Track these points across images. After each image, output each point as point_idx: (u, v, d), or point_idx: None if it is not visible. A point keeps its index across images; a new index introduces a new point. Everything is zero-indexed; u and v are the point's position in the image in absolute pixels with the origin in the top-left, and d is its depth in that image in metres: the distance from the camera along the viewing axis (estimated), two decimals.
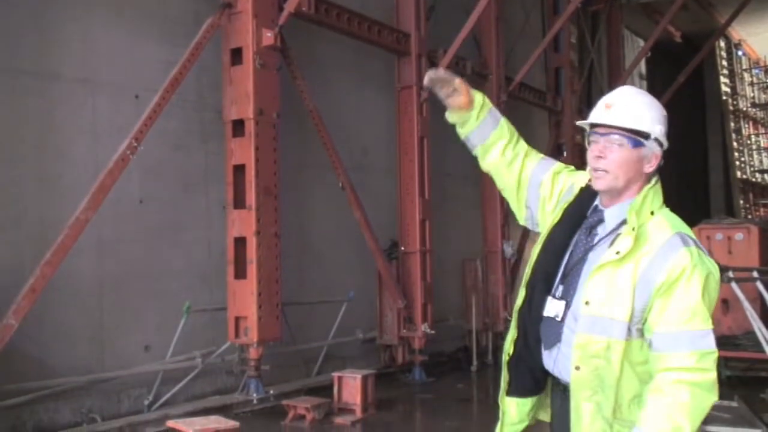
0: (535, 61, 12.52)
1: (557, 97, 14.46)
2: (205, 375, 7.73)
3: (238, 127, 7.74)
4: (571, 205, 2.57)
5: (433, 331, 9.78)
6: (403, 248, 9.93)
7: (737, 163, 24.43)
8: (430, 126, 10.09)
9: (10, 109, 6.39)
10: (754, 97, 26.53)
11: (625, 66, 17.11)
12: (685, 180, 22.02)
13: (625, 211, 2.41)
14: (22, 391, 6.20)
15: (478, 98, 2.71)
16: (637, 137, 2.38)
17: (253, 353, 7.58)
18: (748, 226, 10.97)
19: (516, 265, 12.14)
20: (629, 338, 2.34)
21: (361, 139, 10.15)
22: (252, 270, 7.57)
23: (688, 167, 21.93)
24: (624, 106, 2.41)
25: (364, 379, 7.63)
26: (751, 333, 8.49)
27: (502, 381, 2.64)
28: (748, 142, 25.92)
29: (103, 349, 6.96)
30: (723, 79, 24.78)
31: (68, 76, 6.81)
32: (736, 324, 9.45)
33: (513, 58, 12.72)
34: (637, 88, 2.61)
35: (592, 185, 2.47)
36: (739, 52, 25.75)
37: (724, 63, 25.12)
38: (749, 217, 22.81)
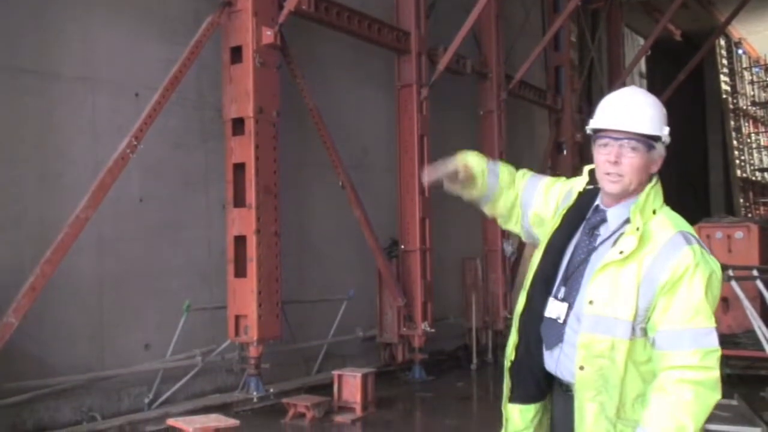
0: (535, 59, 12.51)
1: (557, 95, 14.45)
2: (205, 373, 7.73)
3: (238, 125, 7.74)
4: (571, 210, 2.59)
5: (433, 330, 9.77)
6: (403, 246, 9.93)
7: (737, 162, 24.43)
8: (430, 124, 10.09)
9: (10, 108, 6.39)
10: (754, 96, 26.53)
11: (625, 64, 17.10)
12: (685, 179, 22.02)
13: (628, 211, 2.42)
14: (23, 390, 6.20)
15: (476, 166, 2.72)
16: (651, 141, 2.40)
17: (253, 351, 7.58)
18: (748, 225, 10.97)
19: (516, 264, 12.13)
20: (633, 337, 2.34)
21: (361, 137, 10.14)
22: (252, 268, 7.57)
23: (688, 166, 21.91)
24: (639, 111, 2.40)
25: (364, 378, 7.63)
26: (751, 331, 8.50)
27: (505, 388, 2.64)
28: (748, 141, 25.92)
29: (104, 347, 6.97)
30: (723, 78, 24.77)
31: (68, 75, 6.81)
32: (736, 322, 9.45)
33: (513, 56, 12.71)
34: (640, 88, 2.61)
35: (603, 188, 2.47)
36: (739, 51, 25.74)
37: (724, 61, 25.11)
38: (749, 215, 22.81)
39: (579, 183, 2.63)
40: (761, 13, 20.83)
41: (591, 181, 2.59)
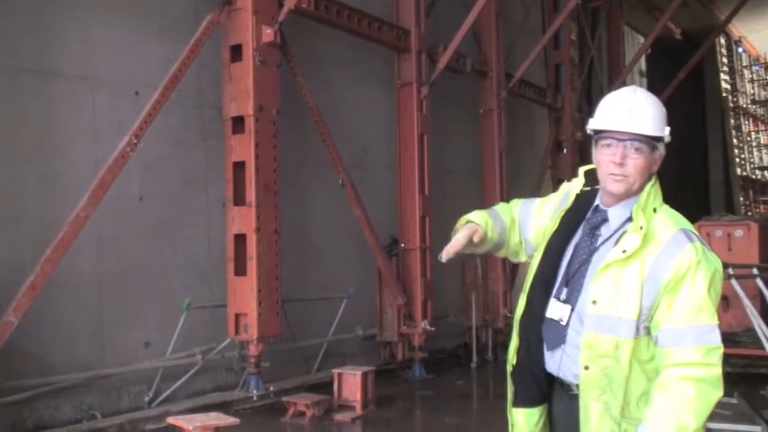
0: (535, 57, 12.51)
1: (557, 93, 14.44)
2: (205, 372, 7.74)
3: (238, 124, 7.73)
4: (569, 212, 2.59)
5: (433, 328, 9.78)
6: (403, 245, 9.92)
7: (737, 160, 24.43)
8: (430, 123, 10.09)
9: (11, 108, 6.39)
10: (754, 94, 26.52)
11: (625, 63, 17.10)
12: (686, 177, 22.01)
13: (629, 210, 2.42)
14: (23, 388, 6.21)
15: (481, 222, 2.73)
16: (654, 142, 2.40)
17: (253, 350, 7.58)
18: (748, 223, 10.96)
19: (516, 264, 12.12)
20: (637, 336, 2.34)
21: (361, 136, 10.14)
22: (252, 267, 7.57)
23: (688, 164, 21.91)
24: (642, 112, 2.40)
25: (364, 376, 7.63)
26: (750, 330, 8.49)
27: (508, 392, 2.64)
28: (748, 139, 25.92)
29: (103, 346, 6.97)
30: (723, 76, 24.76)
31: (68, 74, 6.81)
32: (736, 321, 9.44)
33: (513, 55, 12.71)
34: (641, 87, 2.61)
35: (606, 188, 2.46)
36: (740, 49, 25.73)
37: (724, 60, 25.10)
38: (749, 214, 22.82)
39: (575, 185, 2.63)
40: (761, 11, 20.83)
41: (588, 182, 2.59)
